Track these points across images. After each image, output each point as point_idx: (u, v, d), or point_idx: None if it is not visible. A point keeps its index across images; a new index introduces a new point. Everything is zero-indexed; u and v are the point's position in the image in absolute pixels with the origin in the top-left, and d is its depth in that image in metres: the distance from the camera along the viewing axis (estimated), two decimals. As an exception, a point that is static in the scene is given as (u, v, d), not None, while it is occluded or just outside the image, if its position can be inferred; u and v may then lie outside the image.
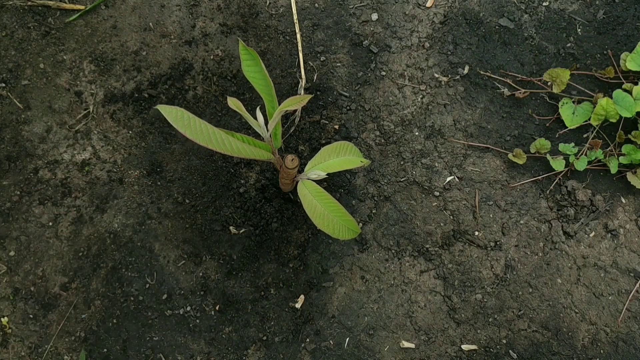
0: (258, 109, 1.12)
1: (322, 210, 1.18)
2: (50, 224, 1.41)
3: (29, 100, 1.47)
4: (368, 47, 1.51)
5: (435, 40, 1.51)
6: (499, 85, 1.48)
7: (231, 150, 1.02)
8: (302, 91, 1.43)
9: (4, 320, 1.38)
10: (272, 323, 1.39)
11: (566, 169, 1.42)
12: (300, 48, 1.50)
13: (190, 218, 1.42)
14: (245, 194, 1.44)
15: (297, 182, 1.21)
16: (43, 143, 1.45)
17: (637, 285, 1.39)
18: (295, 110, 1.42)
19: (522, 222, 1.42)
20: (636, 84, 1.40)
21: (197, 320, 1.39)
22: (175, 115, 0.99)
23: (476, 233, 1.41)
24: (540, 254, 1.41)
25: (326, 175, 1.18)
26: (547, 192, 1.44)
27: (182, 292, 1.40)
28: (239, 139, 1.07)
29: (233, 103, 1.13)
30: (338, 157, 1.22)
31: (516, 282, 1.39)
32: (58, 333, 1.38)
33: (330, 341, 1.38)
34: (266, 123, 1.12)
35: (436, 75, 1.49)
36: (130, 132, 1.47)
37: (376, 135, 1.47)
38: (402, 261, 1.41)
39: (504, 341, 1.37)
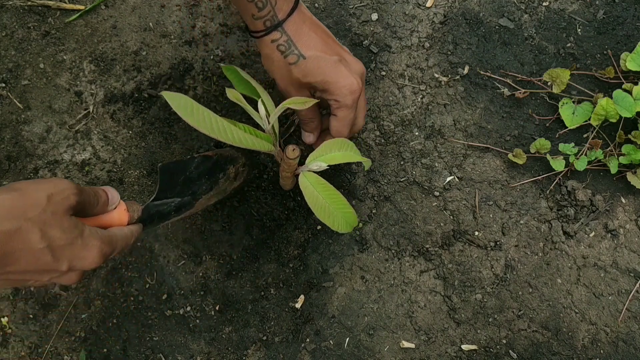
0: (260, 100, 1.12)
1: (323, 202, 1.17)
2: (50, 224, 1.41)
3: (29, 100, 1.47)
4: (368, 47, 1.51)
5: (435, 40, 1.51)
6: (499, 85, 1.48)
7: (233, 140, 1.02)
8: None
9: (4, 320, 1.38)
10: (272, 323, 1.39)
11: (566, 169, 1.42)
12: (300, 48, 1.50)
13: (190, 218, 1.42)
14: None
15: (297, 178, 1.21)
16: (43, 143, 1.45)
17: (637, 285, 1.39)
18: (295, 110, 1.42)
19: (522, 222, 1.42)
20: (636, 84, 1.40)
21: (197, 320, 1.39)
22: (178, 102, 0.97)
23: (476, 233, 1.41)
24: (540, 254, 1.41)
25: (327, 166, 1.16)
26: (547, 192, 1.44)
27: (182, 292, 1.40)
28: (241, 129, 1.07)
29: (232, 95, 1.12)
30: (339, 151, 1.21)
31: (516, 282, 1.39)
32: (58, 333, 1.38)
33: (330, 341, 1.38)
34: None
35: (436, 75, 1.49)
36: (130, 132, 1.47)
37: (376, 136, 1.46)
38: (402, 261, 1.41)
39: (504, 341, 1.37)
